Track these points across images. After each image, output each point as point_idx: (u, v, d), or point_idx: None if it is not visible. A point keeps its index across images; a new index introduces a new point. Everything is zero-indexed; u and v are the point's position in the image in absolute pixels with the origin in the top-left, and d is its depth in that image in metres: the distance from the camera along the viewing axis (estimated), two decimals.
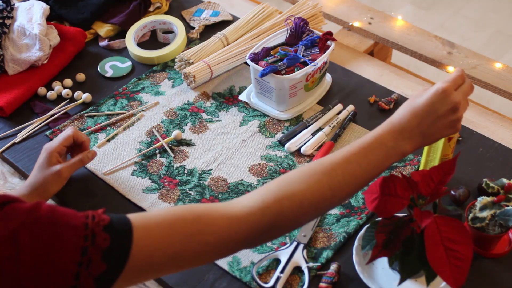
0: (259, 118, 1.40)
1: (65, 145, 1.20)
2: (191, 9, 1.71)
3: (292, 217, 0.90)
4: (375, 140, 0.95)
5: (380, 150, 0.95)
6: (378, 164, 0.95)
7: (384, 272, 1.09)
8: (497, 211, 1.08)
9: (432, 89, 0.98)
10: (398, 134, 0.97)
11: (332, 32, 1.39)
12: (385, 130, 0.97)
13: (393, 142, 0.96)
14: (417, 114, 0.97)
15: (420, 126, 0.97)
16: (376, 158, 0.95)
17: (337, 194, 0.93)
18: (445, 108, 0.98)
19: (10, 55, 1.48)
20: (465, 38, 2.97)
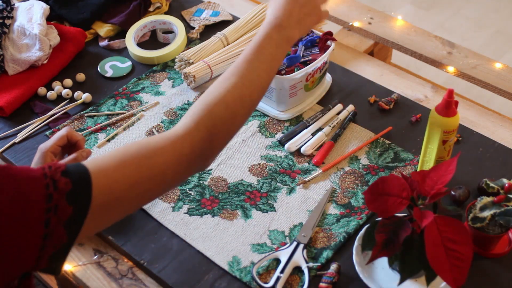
0: (259, 118, 1.40)
1: (59, 144, 1.19)
2: (191, 9, 1.71)
3: (224, 120, 0.97)
4: (263, 39, 1.04)
5: (270, 44, 1.04)
6: (273, 56, 1.04)
7: (384, 272, 1.09)
8: (497, 211, 1.08)
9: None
10: (279, 26, 1.05)
11: (332, 32, 1.40)
12: (267, 28, 1.05)
13: (277, 34, 1.05)
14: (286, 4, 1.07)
15: (293, 13, 1.07)
16: (270, 51, 1.03)
17: (252, 88, 1.01)
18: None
19: (10, 55, 1.48)
20: (465, 38, 2.97)
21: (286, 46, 1.06)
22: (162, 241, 1.17)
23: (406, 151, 1.31)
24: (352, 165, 1.29)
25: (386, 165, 1.29)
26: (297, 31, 1.08)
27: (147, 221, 1.21)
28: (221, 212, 1.21)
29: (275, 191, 1.25)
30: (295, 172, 1.28)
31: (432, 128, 1.16)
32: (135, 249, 1.16)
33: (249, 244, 1.16)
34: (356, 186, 1.25)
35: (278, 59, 1.05)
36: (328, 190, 1.24)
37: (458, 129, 1.27)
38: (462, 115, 1.37)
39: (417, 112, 1.39)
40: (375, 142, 1.33)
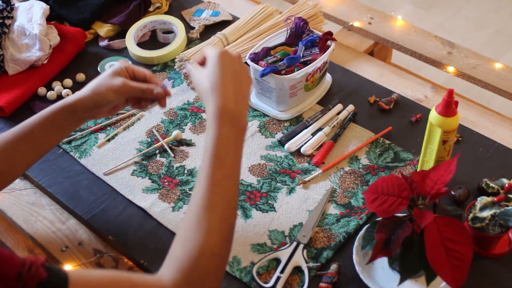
0: (259, 118, 1.40)
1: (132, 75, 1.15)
2: (191, 9, 1.71)
3: (212, 269, 0.90)
4: (219, 143, 0.94)
5: (229, 147, 0.95)
6: (235, 154, 0.96)
7: (384, 272, 1.09)
8: (497, 211, 1.08)
9: (213, 60, 1.00)
10: (231, 120, 0.96)
11: (332, 32, 1.39)
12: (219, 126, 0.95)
13: (233, 130, 0.96)
14: (227, 88, 0.97)
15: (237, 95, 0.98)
16: (229, 152, 0.95)
17: (230, 214, 0.93)
18: (237, 63, 1.01)
19: (10, 55, 1.48)
20: (465, 38, 2.97)
21: (243, 139, 0.98)
22: (162, 241, 1.17)
23: (406, 151, 1.31)
24: (352, 165, 1.29)
25: (386, 165, 1.29)
26: (246, 113, 0.99)
27: (147, 221, 1.21)
28: None
29: (275, 191, 1.25)
30: (295, 172, 1.28)
31: (432, 128, 1.16)
32: (135, 249, 1.16)
33: (249, 244, 1.16)
34: (356, 186, 1.25)
35: (240, 153, 0.97)
36: (328, 190, 1.24)
37: (458, 129, 1.27)
38: (462, 115, 1.37)
39: (417, 112, 1.39)
40: (375, 142, 1.33)
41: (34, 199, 1.29)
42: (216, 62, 1.00)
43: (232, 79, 0.99)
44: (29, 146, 1.10)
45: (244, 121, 0.99)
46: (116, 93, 1.12)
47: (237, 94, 0.98)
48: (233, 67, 1.01)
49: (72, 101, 1.12)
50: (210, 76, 0.99)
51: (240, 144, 0.98)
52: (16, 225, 1.26)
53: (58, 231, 1.22)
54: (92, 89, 1.12)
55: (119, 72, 1.13)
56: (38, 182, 1.29)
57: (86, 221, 1.22)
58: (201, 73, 1.01)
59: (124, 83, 1.12)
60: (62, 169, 1.31)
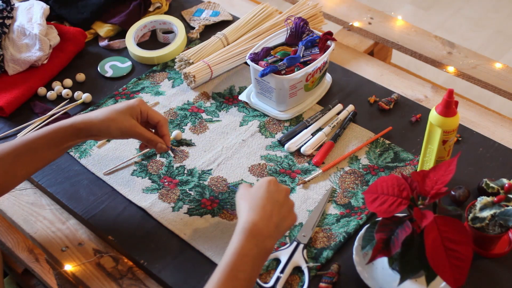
0: (259, 118, 1.40)
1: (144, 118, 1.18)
2: (191, 9, 1.71)
3: None
4: (238, 256, 0.95)
5: (247, 263, 0.96)
6: (251, 275, 0.96)
7: (384, 272, 1.09)
8: (497, 211, 1.08)
9: (262, 182, 1.04)
10: (257, 238, 0.97)
11: (332, 32, 1.39)
12: (243, 240, 0.97)
13: (255, 249, 0.97)
14: (263, 208, 1.00)
15: (272, 219, 1.00)
16: (245, 268, 0.95)
17: None
18: (283, 194, 1.04)
19: (10, 55, 1.48)
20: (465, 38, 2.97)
21: (263, 260, 0.99)
22: (162, 241, 1.17)
23: (406, 151, 1.31)
24: (352, 165, 1.29)
25: (386, 165, 1.29)
26: (274, 240, 1.00)
27: (147, 221, 1.21)
28: (221, 212, 1.21)
29: None
30: (295, 172, 1.28)
31: (432, 128, 1.16)
32: (135, 249, 1.16)
33: None
34: (356, 186, 1.25)
35: (255, 274, 0.97)
36: (328, 190, 1.24)
37: (458, 129, 1.27)
38: (462, 115, 1.37)
39: (417, 112, 1.39)
40: (375, 142, 1.33)
41: (34, 199, 1.29)
42: (263, 185, 1.04)
43: (271, 204, 1.01)
44: (29, 160, 1.12)
45: (270, 245, 0.99)
46: (123, 133, 1.15)
47: (271, 219, 1.00)
48: (277, 196, 1.03)
49: (79, 124, 1.13)
50: (253, 194, 1.03)
51: (259, 264, 0.98)
52: (16, 225, 1.26)
53: (58, 231, 1.22)
54: (102, 120, 1.14)
55: (133, 112, 1.15)
56: (38, 182, 1.29)
57: (86, 221, 1.22)
58: (246, 190, 1.05)
59: (134, 128, 1.15)
60: (62, 169, 1.31)
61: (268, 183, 1.04)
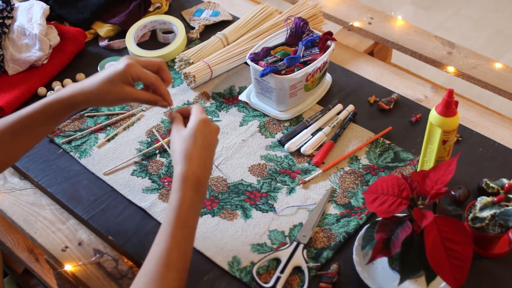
0: (259, 118, 1.40)
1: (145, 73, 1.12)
2: (191, 9, 1.71)
3: None
4: (184, 207, 0.98)
5: (192, 210, 0.99)
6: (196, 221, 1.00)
7: (384, 272, 1.09)
8: (497, 211, 1.08)
9: (195, 126, 1.04)
10: (197, 186, 1.01)
11: (332, 32, 1.39)
12: (185, 190, 0.99)
13: (196, 196, 1.00)
14: (199, 155, 1.02)
15: (206, 165, 1.03)
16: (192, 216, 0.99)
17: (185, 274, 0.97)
18: (215, 135, 1.07)
19: (10, 55, 1.48)
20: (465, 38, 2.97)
21: (203, 202, 1.04)
22: None
23: (406, 151, 1.31)
24: (352, 165, 1.29)
25: (386, 165, 1.29)
26: (208, 178, 1.04)
27: (147, 221, 1.21)
28: (221, 212, 1.21)
29: (275, 191, 1.25)
30: (295, 172, 1.28)
31: (432, 128, 1.16)
32: (135, 249, 1.16)
33: (249, 244, 1.16)
34: (356, 186, 1.25)
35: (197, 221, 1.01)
36: (328, 190, 1.24)
37: (458, 129, 1.27)
38: (462, 115, 1.37)
39: (417, 112, 1.39)
40: (375, 142, 1.33)
41: (34, 199, 1.29)
42: (195, 129, 1.04)
43: (204, 149, 1.04)
44: (27, 137, 1.11)
45: (206, 189, 1.04)
46: (119, 102, 1.12)
47: (206, 163, 1.04)
48: (209, 138, 1.06)
49: (76, 97, 1.10)
50: (186, 140, 1.04)
51: (200, 209, 1.03)
52: (16, 225, 1.26)
53: (58, 231, 1.22)
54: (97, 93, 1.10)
55: (125, 79, 1.10)
56: (38, 182, 1.29)
57: (86, 221, 1.22)
58: (179, 134, 1.05)
59: (129, 95, 1.11)
60: (62, 169, 1.31)
61: (202, 126, 1.05)
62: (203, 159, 1.03)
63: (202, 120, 1.05)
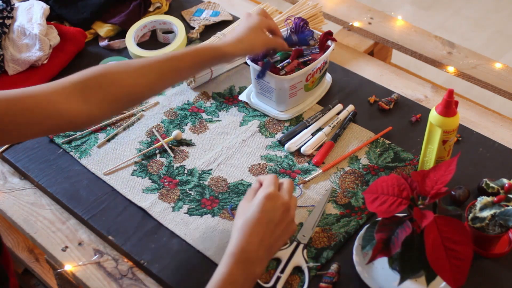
0: (259, 118, 1.40)
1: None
2: (191, 9, 1.71)
3: None
4: (225, 283, 0.93)
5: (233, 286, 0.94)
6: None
7: (384, 272, 1.09)
8: (497, 211, 1.08)
9: (257, 200, 0.99)
10: (245, 264, 0.95)
11: (332, 32, 1.39)
12: (231, 266, 0.94)
13: (243, 275, 0.95)
14: (255, 232, 0.96)
15: (263, 243, 0.97)
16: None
17: None
18: (279, 213, 0.99)
19: (10, 55, 1.48)
20: (465, 38, 2.98)
21: (253, 283, 0.96)
22: (162, 241, 1.17)
23: (406, 151, 1.31)
24: (352, 165, 1.29)
25: (386, 165, 1.29)
26: (265, 264, 0.97)
27: (147, 221, 1.21)
28: (221, 212, 1.21)
29: None
30: (295, 172, 1.28)
31: (432, 128, 1.16)
32: (135, 249, 1.16)
33: None
34: (356, 186, 1.25)
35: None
36: (328, 190, 1.24)
37: (458, 129, 1.27)
38: (462, 115, 1.37)
39: (417, 112, 1.39)
40: (375, 142, 1.33)
41: (34, 199, 1.29)
42: (257, 203, 0.99)
43: (264, 226, 0.97)
44: (171, 78, 1.17)
45: (260, 269, 0.97)
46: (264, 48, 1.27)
47: (262, 243, 0.97)
48: (272, 216, 0.99)
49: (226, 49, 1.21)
50: (247, 212, 0.98)
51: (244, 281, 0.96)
52: (16, 225, 1.26)
53: (58, 231, 1.22)
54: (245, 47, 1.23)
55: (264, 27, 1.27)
56: (38, 182, 1.29)
57: (86, 221, 1.22)
58: (245, 205, 1.01)
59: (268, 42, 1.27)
60: (62, 169, 1.31)
61: (265, 200, 0.99)
62: (259, 237, 0.96)
63: (267, 195, 0.99)
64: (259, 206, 0.98)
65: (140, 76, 1.10)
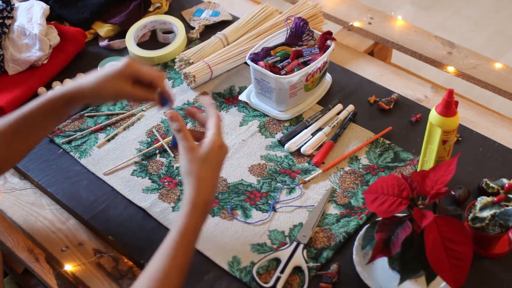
0: (259, 118, 1.40)
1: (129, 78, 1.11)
2: (191, 9, 1.71)
3: None
4: (190, 229, 0.99)
5: (196, 232, 1.00)
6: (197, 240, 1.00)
7: (384, 272, 1.09)
8: (497, 211, 1.08)
9: (212, 148, 1.02)
10: (206, 210, 1.01)
11: (331, 32, 1.39)
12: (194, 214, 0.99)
13: (203, 219, 1.01)
14: (212, 182, 1.02)
15: (214, 188, 1.03)
16: (195, 239, 1.00)
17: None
18: (223, 156, 1.04)
19: (10, 55, 1.48)
20: (465, 38, 2.97)
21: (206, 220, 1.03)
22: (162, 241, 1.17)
23: (406, 151, 1.31)
24: (352, 165, 1.29)
25: (386, 165, 1.29)
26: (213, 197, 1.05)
27: (147, 221, 1.21)
28: (221, 212, 1.21)
29: (275, 191, 1.25)
30: (295, 172, 1.28)
31: (432, 128, 1.16)
32: (135, 249, 1.16)
33: (249, 244, 1.16)
34: (356, 186, 1.25)
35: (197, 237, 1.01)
36: (328, 190, 1.24)
37: (458, 129, 1.27)
38: (462, 115, 1.37)
39: (417, 112, 1.39)
40: (375, 142, 1.33)
41: (34, 199, 1.29)
42: (212, 152, 1.02)
43: (216, 174, 1.03)
44: (29, 134, 1.12)
45: (211, 207, 1.06)
46: (114, 97, 1.13)
47: (214, 188, 1.03)
48: (221, 163, 1.04)
49: (71, 92, 1.11)
50: (202, 164, 1.01)
51: (202, 228, 1.02)
52: (16, 225, 1.26)
53: (58, 231, 1.22)
54: (92, 88, 1.10)
55: (123, 76, 1.10)
56: (38, 182, 1.29)
57: (86, 221, 1.22)
58: (194, 154, 1.02)
59: (124, 92, 1.11)
60: (62, 169, 1.31)
61: (218, 150, 1.02)
62: (214, 184, 1.03)
63: (219, 144, 1.03)
64: (215, 156, 1.02)
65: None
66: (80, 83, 1.12)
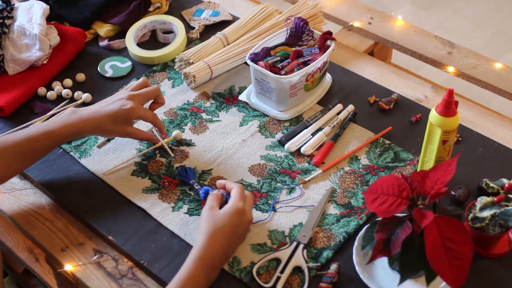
0: (259, 118, 1.40)
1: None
2: (191, 9, 1.71)
3: None
4: (189, 282, 1.02)
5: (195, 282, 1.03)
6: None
7: (384, 272, 1.09)
8: (497, 211, 1.08)
9: (228, 212, 1.08)
10: (209, 269, 1.05)
11: (331, 32, 1.39)
12: (197, 268, 1.03)
13: (206, 278, 1.04)
14: (222, 242, 1.06)
15: (225, 252, 1.07)
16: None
17: None
18: (243, 228, 1.10)
19: (10, 55, 1.48)
20: (465, 38, 2.97)
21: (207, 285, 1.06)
22: (162, 241, 1.17)
23: (406, 151, 1.31)
24: (352, 165, 1.29)
25: (386, 165, 1.29)
26: (218, 271, 1.08)
27: (147, 221, 1.21)
28: None
29: (275, 191, 1.25)
30: (295, 172, 1.28)
31: (432, 128, 1.16)
32: (135, 249, 1.16)
33: (249, 244, 1.16)
34: (356, 186, 1.25)
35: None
36: (328, 190, 1.24)
37: (458, 129, 1.27)
38: (462, 115, 1.37)
39: (417, 112, 1.39)
40: (375, 142, 1.33)
41: (34, 199, 1.29)
42: (228, 215, 1.08)
43: (229, 238, 1.07)
44: (31, 157, 1.21)
45: (217, 274, 1.07)
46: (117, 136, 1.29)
47: (226, 251, 1.07)
48: (238, 230, 1.09)
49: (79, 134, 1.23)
50: (216, 221, 1.08)
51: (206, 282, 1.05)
52: (16, 225, 1.26)
53: (58, 231, 1.22)
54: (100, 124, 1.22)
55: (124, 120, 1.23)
56: (38, 182, 1.29)
57: (86, 221, 1.22)
58: (212, 213, 1.09)
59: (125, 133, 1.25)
60: (62, 169, 1.31)
61: (235, 214, 1.08)
62: (224, 246, 1.06)
63: (237, 210, 1.09)
64: (229, 219, 1.08)
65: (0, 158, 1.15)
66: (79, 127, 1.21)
